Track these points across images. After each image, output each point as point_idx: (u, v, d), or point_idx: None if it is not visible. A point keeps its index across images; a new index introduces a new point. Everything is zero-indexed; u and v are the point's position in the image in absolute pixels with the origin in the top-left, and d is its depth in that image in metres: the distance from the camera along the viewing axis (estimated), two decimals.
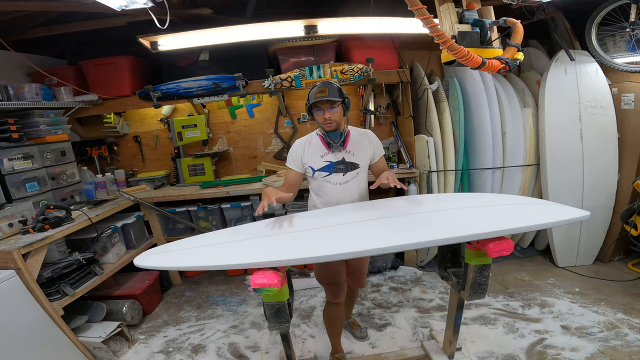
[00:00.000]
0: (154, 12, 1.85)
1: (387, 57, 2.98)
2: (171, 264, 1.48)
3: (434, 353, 2.00)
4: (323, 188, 1.86)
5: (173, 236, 3.05)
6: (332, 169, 1.82)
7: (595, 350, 1.99)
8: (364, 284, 2.15)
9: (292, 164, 1.86)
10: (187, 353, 2.27)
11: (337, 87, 1.74)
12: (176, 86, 2.92)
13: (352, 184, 1.84)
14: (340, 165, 1.81)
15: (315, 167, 1.83)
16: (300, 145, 1.85)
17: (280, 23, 2.48)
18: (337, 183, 1.83)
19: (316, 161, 1.82)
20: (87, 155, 3.25)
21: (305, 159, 1.83)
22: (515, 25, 1.62)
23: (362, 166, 1.85)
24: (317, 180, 1.86)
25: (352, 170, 1.83)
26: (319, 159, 1.82)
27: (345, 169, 1.82)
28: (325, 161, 1.82)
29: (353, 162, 1.83)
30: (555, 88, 2.80)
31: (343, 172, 1.82)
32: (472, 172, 3.04)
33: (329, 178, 1.83)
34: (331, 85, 1.74)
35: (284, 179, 1.92)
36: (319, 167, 1.82)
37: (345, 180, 1.83)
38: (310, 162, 1.83)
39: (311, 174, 1.85)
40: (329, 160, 1.82)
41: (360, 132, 1.91)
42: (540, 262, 3.11)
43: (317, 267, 1.92)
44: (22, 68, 2.76)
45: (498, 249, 1.42)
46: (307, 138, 1.87)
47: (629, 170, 2.80)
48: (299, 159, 1.84)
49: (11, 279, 1.78)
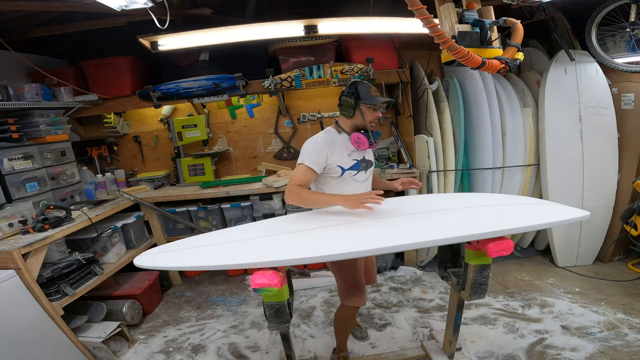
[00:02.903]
0: (154, 12, 1.85)
1: (387, 57, 2.98)
2: (171, 264, 1.48)
3: (434, 353, 2.00)
4: (349, 187, 1.80)
5: (173, 236, 3.05)
6: (359, 167, 1.82)
7: (595, 350, 1.99)
8: (375, 279, 2.17)
9: (314, 164, 1.68)
10: (187, 353, 2.27)
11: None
12: (176, 86, 2.92)
13: (369, 181, 1.90)
14: (363, 164, 1.84)
15: (345, 166, 1.76)
16: (325, 144, 1.71)
17: (280, 23, 2.48)
18: (361, 180, 1.85)
19: (344, 160, 1.76)
20: (87, 155, 3.25)
21: (333, 158, 1.72)
22: (515, 25, 1.62)
23: (373, 164, 1.92)
24: (344, 179, 1.78)
25: (370, 167, 1.88)
26: (347, 158, 1.77)
27: (367, 167, 1.86)
28: (352, 160, 1.79)
29: (370, 160, 1.88)
30: (555, 88, 2.80)
31: (365, 169, 1.85)
32: (472, 172, 3.04)
33: (357, 176, 1.81)
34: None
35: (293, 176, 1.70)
36: (348, 166, 1.77)
37: (366, 177, 1.87)
38: (339, 162, 1.74)
39: (339, 174, 1.75)
40: (356, 158, 1.80)
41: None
42: (540, 262, 3.11)
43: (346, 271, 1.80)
44: (22, 68, 2.76)
45: (498, 249, 1.42)
46: (327, 137, 1.76)
47: (629, 170, 2.80)
48: (324, 159, 1.70)
49: (11, 279, 1.78)
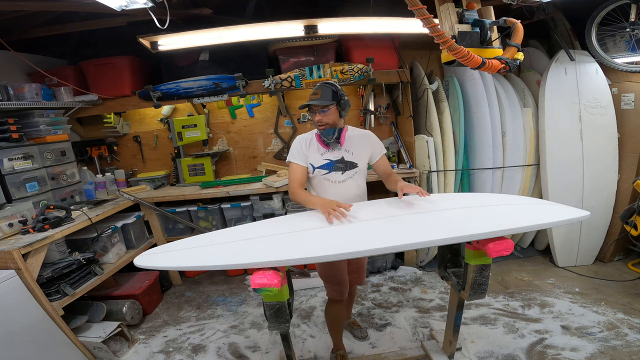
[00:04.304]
0: (154, 12, 1.85)
1: (387, 57, 2.98)
2: (171, 264, 1.48)
3: (434, 353, 2.00)
4: (322, 186, 1.87)
5: (173, 236, 3.05)
6: (332, 167, 1.83)
7: (595, 350, 1.99)
8: (364, 281, 2.17)
9: (297, 159, 1.84)
10: (187, 353, 2.27)
11: (332, 89, 1.74)
12: (176, 86, 2.92)
13: (350, 183, 1.86)
14: (339, 164, 1.83)
15: (315, 164, 1.84)
16: (302, 140, 1.87)
17: (280, 23, 2.48)
18: (336, 181, 1.84)
19: (316, 159, 1.84)
20: (87, 155, 3.25)
21: (308, 155, 1.85)
22: (515, 25, 1.62)
23: (360, 166, 1.86)
24: (316, 177, 1.87)
25: (350, 169, 1.84)
26: (319, 157, 1.84)
27: (344, 168, 1.83)
28: (325, 159, 1.83)
29: (352, 161, 1.84)
30: (555, 88, 2.80)
31: (342, 170, 1.83)
32: (472, 172, 3.04)
33: (328, 176, 1.84)
34: (327, 87, 1.74)
35: (289, 177, 1.88)
36: (319, 164, 1.84)
37: (344, 179, 1.85)
38: (311, 159, 1.85)
39: (311, 172, 1.86)
40: (329, 158, 1.83)
41: (360, 133, 1.93)
42: (540, 262, 3.11)
43: (321, 265, 1.92)
44: (22, 68, 2.76)
45: (498, 249, 1.42)
46: (307, 135, 1.89)
47: (629, 170, 2.80)
48: (304, 154, 1.84)
49: (11, 279, 1.78)
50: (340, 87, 1.79)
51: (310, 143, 1.86)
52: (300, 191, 1.81)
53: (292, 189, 1.82)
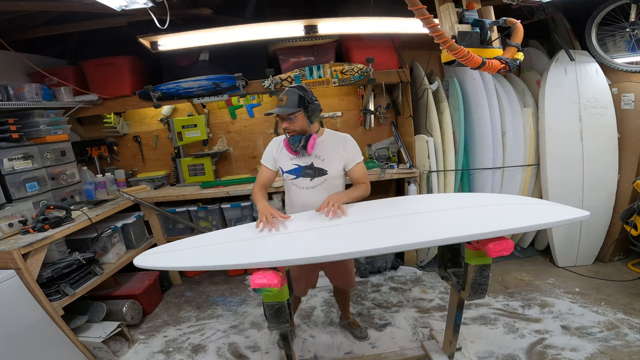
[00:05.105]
0: (154, 12, 1.85)
1: (387, 57, 2.98)
2: (171, 264, 1.48)
3: (434, 353, 2.00)
4: (290, 190, 1.89)
5: (173, 236, 3.05)
6: (300, 173, 1.81)
7: (595, 350, 1.99)
8: (352, 284, 2.12)
9: (266, 162, 1.89)
10: (187, 353, 2.27)
11: (299, 95, 1.68)
12: (176, 86, 2.92)
13: (319, 189, 1.81)
14: (308, 170, 1.80)
15: (284, 168, 1.84)
16: (275, 144, 1.88)
17: (280, 23, 2.48)
18: (304, 187, 1.82)
19: (286, 163, 1.84)
20: (87, 155, 3.25)
21: (277, 159, 1.86)
22: (515, 25, 1.62)
23: (330, 173, 1.80)
24: (286, 181, 1.89)
25: (320, 176, 1.80)
26: (289, 162, 1.83)
27: (313, 174, 1.80)
28: (293, 164, 1.82)
29: (322, 168, 1.79)
30: (555, 88, 2.80)
31: (311, 177, 1.80)
32: (472, 172, 3.04)
33: (296, 181, 1.83)
34: (293, 92, 1.69)
35: (257, 176, 1.93)
36: (287, 169, 1.83)
37: (313, 185, 1.81)
38: (281, 163, 1.86)
39: (281, 174, 1.88)
40: (297, 163, 1.81)
41: (337, 137, 1.85)
42: (540, 262, 3.11)
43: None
44: (22, 68, 2.76)
45: (498, 249, 1.42)
46: (281, 138, 1.87)
47: (629, 170, 2.80)
48: (272, 158, 1.87)
49: (11, 279, 1.78)
50: (309, 91, 1.73)
51: (282, 146, 1.84)
52: (256, 191, 1.85)
53: (253, 188, 1.89)
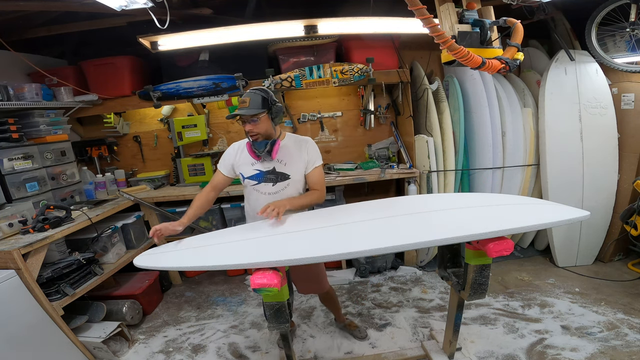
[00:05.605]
0: (154, 12, 1.85)
1: (387, 57, 2.98)
2: (171, 264, 1.49)
3: (434, 353, 2.00)
4: (252, 196, 1.84)
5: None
6: (262, 178, 1.78)
7: (595, 350, 1.99)
8: (324, 287, 2.06)
9: (222, 168, 1.84)
10: (187, 353, 2.27)
11: (262, 96, 1.66)
12: (176, 86, 2.92)
13: (282, 195, 1.78)
14: (270, 175, 1.76)
15: (245, 174, 1.80)
16: (233, 150, 1.84)
17: (280, 23, 2.48)
18: (266, 193, 1.78)
19: (246, 169, 1.79)
20: (87, 155, 3.25)
21: (237, 165, 1.81)
22: (515, 25, 1.62)
23: (293, 177, 1.78)
24: (247, 188, 1.84)
25: (282, 180, 1.77)
26: (249, 167, 1.78)
27: (276, 179, 1.77)
28: (254, 170, 1.78)
29: (284, 172, 1.76)
30: (555, 88, 2.80)
31: (273, 182, 1.77)
32: (472, 172, 3.04)
33: (258, 187, 1.79)
34: (256, 94, 1.66)
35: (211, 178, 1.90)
36: (248, 175, 1.79)
37: (275, 190, 1.78)
38: (241, 169, 1.81)
39: (242, 181, 1.83)
40: (258, 169, 1.78)
41: (298, 141, 1.83)
42: (540, 262, 3.11)
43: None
44: (22, 68, 2.76)
45: (498, 249, 1.42)
46: (241, 143, 1.83)
47: (629, 170, 2.80)
48: (230, 164, 1.82)
49: (11, 279, 1.77)
50: (272, 93, 1.71)
51: (241, 152, 1.80)
52: (198, 195, 1.83)
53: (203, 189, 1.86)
